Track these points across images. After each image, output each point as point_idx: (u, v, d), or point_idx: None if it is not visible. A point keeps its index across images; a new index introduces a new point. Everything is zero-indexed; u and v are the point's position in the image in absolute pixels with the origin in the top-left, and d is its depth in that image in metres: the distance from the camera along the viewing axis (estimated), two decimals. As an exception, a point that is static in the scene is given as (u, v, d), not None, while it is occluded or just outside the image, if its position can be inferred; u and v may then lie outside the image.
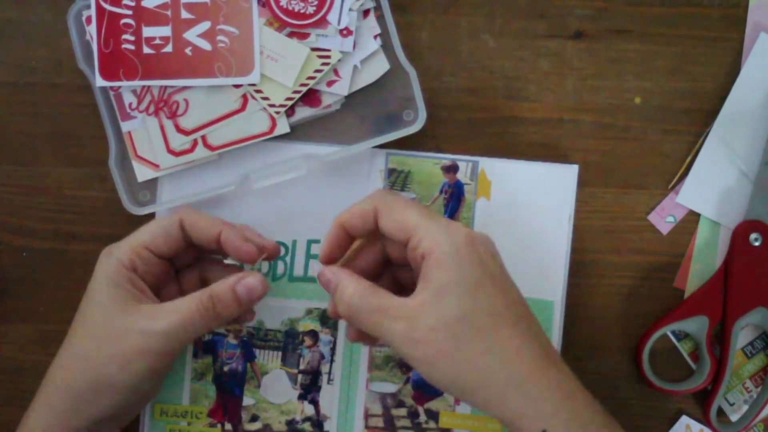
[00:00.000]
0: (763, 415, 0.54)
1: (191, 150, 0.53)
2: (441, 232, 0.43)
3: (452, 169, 0.54)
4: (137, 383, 0.46)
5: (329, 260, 0.48)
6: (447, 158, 0.55)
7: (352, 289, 0.44)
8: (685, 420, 0.55)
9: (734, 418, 0.54)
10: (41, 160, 0.55)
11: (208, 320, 0.46)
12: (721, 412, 0.55)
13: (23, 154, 0.55)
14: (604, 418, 0.44)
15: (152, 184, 0.54)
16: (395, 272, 0.50)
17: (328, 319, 0.54)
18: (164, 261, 0.49)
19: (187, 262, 0.51)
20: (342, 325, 0.54)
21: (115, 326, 0.45)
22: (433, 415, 0.54)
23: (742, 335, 0.55)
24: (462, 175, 0.55)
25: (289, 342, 0.54)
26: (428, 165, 0.55)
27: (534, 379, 0.42)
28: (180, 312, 0.45)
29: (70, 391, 0.45)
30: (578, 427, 0.42)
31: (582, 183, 0.55)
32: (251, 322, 0.53)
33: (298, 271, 0.54)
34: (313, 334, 0.54)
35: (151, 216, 0.54)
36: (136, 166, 0.54)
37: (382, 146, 0.53)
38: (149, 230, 0.48)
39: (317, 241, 0.54)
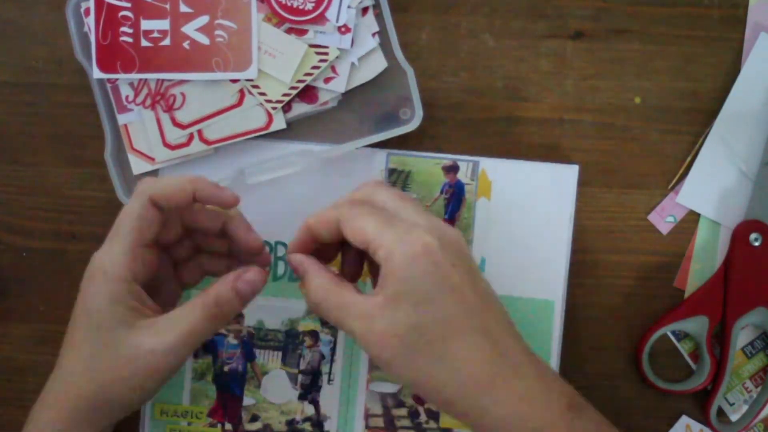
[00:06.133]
0: (763, 415, 0.54)
1: (187, 144, 0.53)
2: (396, 241, 0.42)
3: (453, 169, 0.54)
4: (149, 397, 0.46)
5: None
6: (448, 158, 0.55)
7: (317, 282, 0.45)
8: (685, 420, 0.55)
9: (734, 418, 0.54)
10: (41, 160, 0.55)
11: (215, 324, 0.46)
12: (721, 412, 0.55)
13: (23, 154, 0.55)
14: (562, 419, 0.43)
15: (148, 177, 0.54)
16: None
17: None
18: (154, 248, 0.47)
19: (186, 256, 0.50)
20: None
21: (125, 348, 0.44)
22: (433, 415, 0.54)
23: (742, 335, 0.55)
24: (463, 175, 0.54)
25: (289, 342, 0.54)
26: (429, 165, 0.55)
27: (484, 385, 0.43)
28: (186, 322, 0.45)
29: (89, 407, 0.45)
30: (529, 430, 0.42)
31: (582, 183, 0.55)
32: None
33: (298, 271, 0.54)
34: (314, 334, 0.54)
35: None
36: (132, 159, 0.54)
37: (382, 146, 0.53)
38: (129, 226, 0.45)
39: (317, 241, 0.54)
